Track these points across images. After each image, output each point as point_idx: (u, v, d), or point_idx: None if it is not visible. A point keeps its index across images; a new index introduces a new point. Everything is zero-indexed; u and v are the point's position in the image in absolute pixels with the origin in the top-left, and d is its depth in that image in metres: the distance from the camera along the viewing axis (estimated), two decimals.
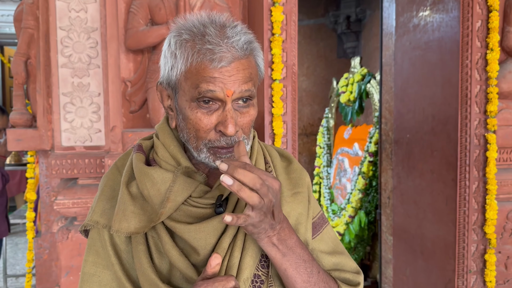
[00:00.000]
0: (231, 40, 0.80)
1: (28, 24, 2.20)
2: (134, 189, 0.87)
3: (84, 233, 0.95)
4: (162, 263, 0.85)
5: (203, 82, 0.80)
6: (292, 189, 0.94)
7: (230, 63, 0.80)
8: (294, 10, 2.06)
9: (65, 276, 2.05)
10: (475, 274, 2.29)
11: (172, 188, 0.83)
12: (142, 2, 2.04)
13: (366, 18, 4.97)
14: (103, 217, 0.89)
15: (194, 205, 0.84)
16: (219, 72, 0.79)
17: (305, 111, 5.28)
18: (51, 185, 2.44)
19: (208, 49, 0.79)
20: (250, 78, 0.82)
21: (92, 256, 0.90)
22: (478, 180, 2.26)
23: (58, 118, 2.09)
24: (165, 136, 0.90)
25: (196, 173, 0.87)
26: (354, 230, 3.70)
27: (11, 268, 4.60)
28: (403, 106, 2.83)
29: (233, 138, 0.82)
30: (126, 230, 0.84)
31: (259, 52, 0.87)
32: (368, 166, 3.71)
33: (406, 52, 2.76)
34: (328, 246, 0.99)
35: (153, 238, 0.86)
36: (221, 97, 0.80)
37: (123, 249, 0.88)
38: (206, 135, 0.82)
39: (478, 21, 2.21)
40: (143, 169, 0.86)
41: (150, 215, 0.85)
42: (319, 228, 0.99)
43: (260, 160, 0.93)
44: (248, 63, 0.82)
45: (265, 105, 2.02)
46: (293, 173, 0.97)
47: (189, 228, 0.82)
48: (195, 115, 0.82)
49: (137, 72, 2.11)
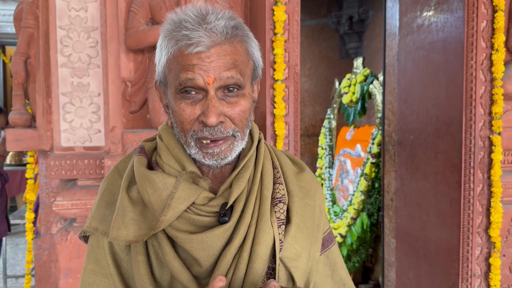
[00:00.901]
0: (211, 25, 0.76)
1: (28, 23, 2.17)
2: (134, 194, 0.82)
3: (83, 239, 0.90)
4: (162, 275, 0.81)
5: (182, 71, 0.76)
6: (303, 198, 0.90)
7: (210, 48, 0.75)
8: (297, 9, 2.03)
9: (64, 278, 2.03)
10: (479, 277, 2.26)
11: (174, 195, 0.78)
12: (142, 1, 2.02)
13: (368, 18, 4.94)
14: (103, 224, 0.84)
15: (197, 213, 0.80)
16: (198, 58, 0.75)
17: (307, 112, 5.25)
18: (50, 185, 2.42)
19: (184, 35, 0.76)
20: (234, 64, 0.77)
21: (92, 264, 0.86)
22: (483, 182, 2.23)
23: (58, 118, 2.06)
24: (169, 138, 0.86)
25: (201, 178, 0.82)
26: (356, 232, 3.67)
27: (11, 269, 4.58)
28: (406, 107, 2.80)
29: (217, 129, 0.77)
30: (125, 238, 0.79)
31: (250, 40, 0.82)
32: (371, 168, 3.68)
33: (410, 53, 2.73)
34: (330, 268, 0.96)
35: (153, 248, 0.81)
36: (201, 85, 0.76)
37: (123, 258, 0.83)
38: (190, 127, 0.78)
39: (483, 21, 2.18)
40: (144, 173, 0.81)
41: (150, 222, 0.80)
42: (328, 245, 0.96)
43: (267, 165, 0.88)
44: (232, 49, 0.77)
45: (267, 106, 1.99)
46: (304, 182, 0.92)
47: (191, 238, 0.77)
48: (179, 106, 0.78)
49: (138, 72, 2.09)
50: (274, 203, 0.84)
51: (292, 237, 0.84)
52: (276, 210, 0.84)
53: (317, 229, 0.90)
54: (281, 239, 0.82)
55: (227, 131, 0.78)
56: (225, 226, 0.78)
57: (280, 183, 0.87)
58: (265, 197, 0.83)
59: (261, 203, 0.83)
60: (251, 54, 0.82)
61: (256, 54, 0.83)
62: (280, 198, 0.85)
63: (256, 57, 0.84)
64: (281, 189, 0.86)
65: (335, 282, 0.95)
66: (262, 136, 0.92)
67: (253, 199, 0.82)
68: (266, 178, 0.85)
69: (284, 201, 0.85)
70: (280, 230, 0.83)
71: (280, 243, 0.82)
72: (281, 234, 0.82)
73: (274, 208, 0.84)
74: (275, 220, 0.82)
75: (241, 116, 0.79)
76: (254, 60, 0.83)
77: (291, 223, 0.85)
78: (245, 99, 0.80)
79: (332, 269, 0.95)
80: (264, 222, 0.81)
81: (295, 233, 0.85)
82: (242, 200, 0.81)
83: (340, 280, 0.95)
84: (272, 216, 0.83)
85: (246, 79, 0.81)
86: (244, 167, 0.84)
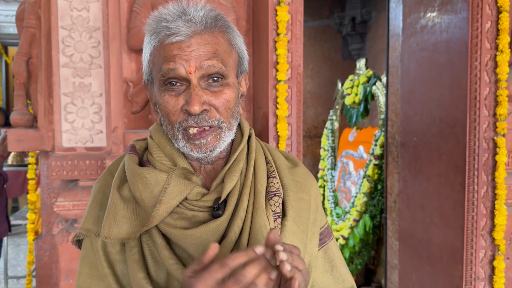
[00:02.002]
0: (190, 16, 0.77)
1: (30, 23, 2.17)
2: (126, 192, 0.82)
3: (76, 243, 0.89)
4: (158, 273, 0.80)
5: (164, 62, 0.77)
6: (298, 192, 0.89)
7: (189, 38, 0.76)
8: (300, 9, 2.02)
9: (65, 279, 2.01)
10: (483, 280, 2.24)
11: (166, 190, 0.77)
12: (145, 1, 2.01)
13: (371, 19, 4.93)
14: (96, 225, 0.83)
15: (190, 208, 0.79)
16: (178, 48, 0.76)
17: (309, 113, 5.23)
18: (52, 186, 2.42)
19: (164, 26, 0.77)
20: (214, 54, 0.77)
21: (86, 267, 0.85)
22: (487, 184, 2.21)
23: (59, 118, 2.05)
24: (160, 136, 0.86)
25: (194, 174, 0.82)
26: (358, 234, 3.65)
27: (12, 270, 4.57)
28: (409, 108, 2.78)
29: (202, 117, 0.77)
30: (117, 236, 0.78)
31: (232, 31, 0.82)
32: (373, 169, 3.66)
33: (413, 54, 2.71)
34: (329, 263, 0.95)
35: (148, 246, 0.80)
36: (183, 75, 0.76)
37: (117, 259, 0.82)
38: (175, 118, 0.79)
39: (487, 22, 2.16)
40: (136, 169, 0.81)
41: (142, 219, 0.79)
42: (325, 240, 0.95)
43: (260, 159, 0.87)
44: (213, 38, 0.78)
45: (270, 107, 1.98)
46: (298, 177, 0.92)
47: (185, 233, 0.77)
48: (163, 98, 0.79)
49: (139, 72, 2.08)
50: (269, 197, 0.84)
51: (289, 231, 0.83)
52: (271, 203, 0.83)
53: (313, 224, 0.90)
54: (278, 232, 0.81)
55: (211, 119, 0.78)
56: (219, 220, 0.77)
57: (274, 177, 0.87)
58: (259, 191, 0.83)
59: (255, 197, 0.82)
60: (234, 45, 0.82)
61: (240, 45, 0.84)
62: (274, 191, 0.85)
63: (240, 49, 0.84)
64: (276, 183, 0.86)
65: (335, 278, 0.94)
66: (253, 131, 0.92)
67: (247, 193, 0.82)
68: (259, 172, 0.85)
69: (279, 195, 0.85)
70: (276, 223, 0.82)
71: None
72: (278, 228, 0.82)
73: (269, 201, 0.83)
74: (271, 214, 0.82)
75: (225, 105, 0.79)
76: (238, 51, 0.84)
77: (286, 216, 0.84)
78: (229, 89, 0.80)
79: (331, 264, 0.95)
80: (260, 216, 0.80)
81: (291, 227, 0.84)
82: (235, 194, 0.81)
83: (339, 276, 0.95)
84: (268, 209, 0.82)
85: (230, 69, 0.81)
86: (236, 161, 0.84)
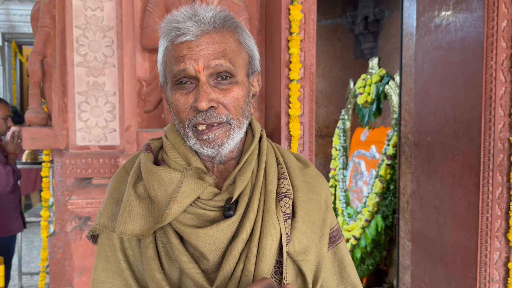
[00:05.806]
0: (199, 17, 0.80)
1: (45, 22, 2.19)
2: (141, 189, 0.84)
3: (91, 238, 0.91)
4: (172, 270, 0.81)
5: (175, 63, 0.79)
6: (308, 193, 0.90)
7: (198, 37, 0.78)
8: (313, 8, 2.01)
9: (78, 276, 2.03)
10: (497, 283, 2.21)
11: (180, 189, 0.79)
12: (158, 1, 2.01)
13: (384, 18, 4.89)
14: (112, 221, 0.85)
15: (202, 208, 0.81)
16: (188, 48, 0.78)
17: (321, 112, 5.21)
18: (65, 184, 2.44)
19: (174, 27, 0.80)
20: (223, 53, 0.79)
21: (102, 262, 0.87)
22: (502, 185, 2.18)
23: (73, 117, 2.07)
24: (174, 136, 0.88)
25: (207, 174, 0.84)
26: (370, 234, 3.63)
27: (26, 266, 4.63)
28: (423, 108, 2.76)
29: (210, 113, 0.79)
30: (131, 232, 0.80)
31: (241, 31, 0.84)
32: (386, 169, 3.63)
33: (427, 53, 2.68)
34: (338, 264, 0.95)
35: (162, 243, 0.82)
36: (192, 73, 0.78)
37: (133, 255, 0.84)
38: (185, 115, 0.81)
39: (503, 21, 2.13)
40: (151, 168, 0.83)
41: (156, 217, 0.81)
42: (335, 241, 0.95)
43: (271, 161, 0.88)
44: (221, 38, 0.80)
45: (282, 106, 1.98)
46: (309, 178, 0.93)
47: (197, 232, 0.78)
48: (174, 97, 0.81)
49: (153, 72, 2.08)
50: (280, 198, 0.85)
51: (298, 231, 0.84)
52: (282, 204, 0.85)
53: (323, 224, 0.90)
54: (288, 233, 0.83)
55: (220, 116, 0.80)
56: (231, 220, 0.79)
57: (284, 178, 0.88)
58: (270, 192, 0.84)
59: (265, 198, 0.84)
60: (244, 45, 0.84)
61: (250, 45, 0.85)
62: (285, 193, 0.86)
63: (250, 49, 0.85)
64: (286, 184, 0.87)
65: (344, 280, 0.94)
66: (264, 133, 0.93)
67: (257, 194, 0.83)
68: (270, 173, 0.86)
69: (290, 196, 0.86)
70: (286, 224, 0.83)
71: (286, 237, 0.82)
72: (288, 228, 0.83)
73: (279, 202, 0.85)
74: (281, 214, 0.83)
75: (234, 103, 0.81)
76: (248, 51, 0.85)
77: (296, 217, 0.85)
78: (238, 87, 0.82)
79: (340, 266, 0.95)
80: (270, 217, 0.81)
81: (301, 227, 0.85)
82: (246, 195, 0.82)
83: (348, 279, 0.95)
84: (278, 210, 0.83)
85: (239, 68, 0.82)
86: (247, 161, 0.85)
